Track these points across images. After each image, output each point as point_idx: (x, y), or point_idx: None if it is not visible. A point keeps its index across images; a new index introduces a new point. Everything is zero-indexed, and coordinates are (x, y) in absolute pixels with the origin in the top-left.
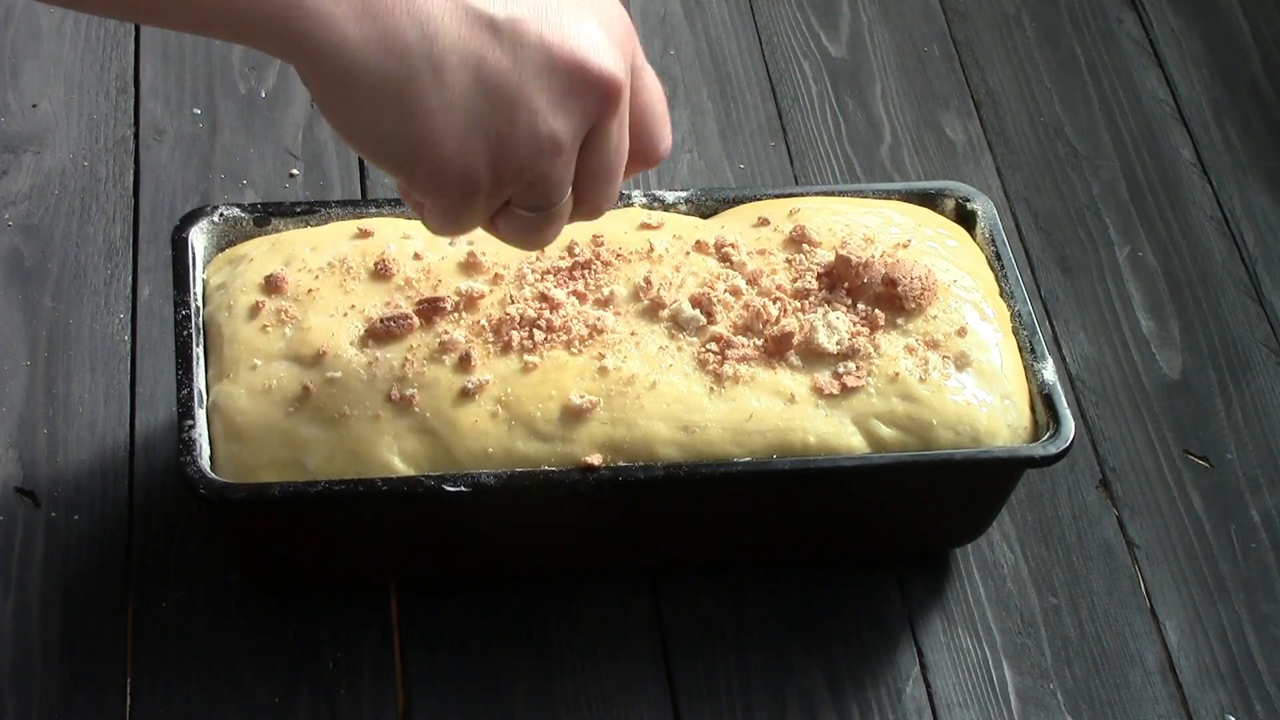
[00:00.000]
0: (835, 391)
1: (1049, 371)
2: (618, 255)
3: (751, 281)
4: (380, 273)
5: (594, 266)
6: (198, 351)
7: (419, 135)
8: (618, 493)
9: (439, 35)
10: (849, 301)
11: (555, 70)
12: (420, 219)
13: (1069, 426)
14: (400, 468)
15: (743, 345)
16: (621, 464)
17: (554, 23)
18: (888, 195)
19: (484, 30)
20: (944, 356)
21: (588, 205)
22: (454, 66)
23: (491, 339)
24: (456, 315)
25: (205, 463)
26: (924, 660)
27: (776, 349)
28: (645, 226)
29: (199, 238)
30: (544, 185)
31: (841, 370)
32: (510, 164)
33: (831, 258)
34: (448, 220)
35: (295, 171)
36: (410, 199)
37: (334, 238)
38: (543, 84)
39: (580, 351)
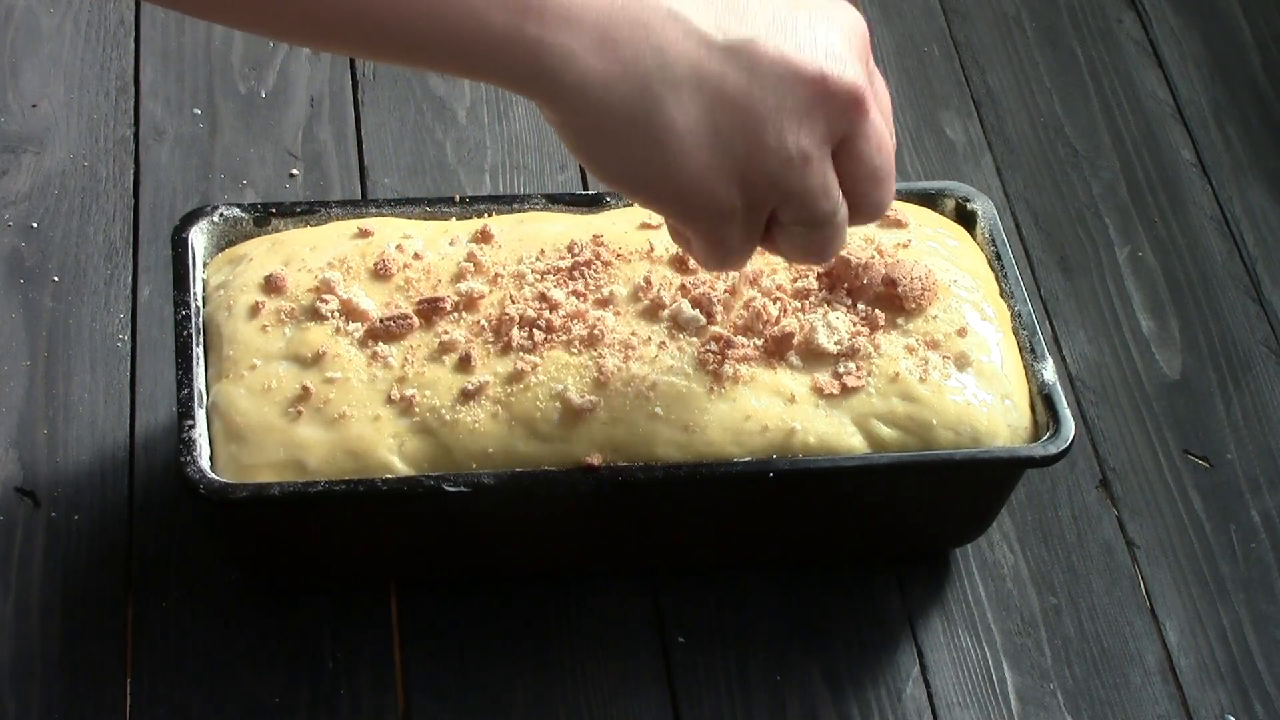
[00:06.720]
0: (835, 391)
1: (1049, 371)
2: (618, 255)
3: (751, 281)
4: (380, 273)
5: (594, 266)
6: (198, 351)
7: (667, 162)
8: (618, 493)
9: (676, 61)
10: (849, 301)
11: (796, 85)
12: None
13: (1069, 426)
14: (400, 468)
15: (743, 345)
16: (621, 464)
17: (790, 38)
18: None
19: (720, 53)
20: (944, 356)
21: (867, 208)
22: (694, 90)
23: (491, 339)
24: (456, 315)
25: (205, 463)
26: (924, 660)
27: (776, 349)
28: (645, 226)
29: (199, 238)
30: (805, 198)
31: (841, 370)
32: (760, 181)
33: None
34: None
35: (295, 171)
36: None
37: (334, 238)
38: (784, 100)
39: (580, 351)
